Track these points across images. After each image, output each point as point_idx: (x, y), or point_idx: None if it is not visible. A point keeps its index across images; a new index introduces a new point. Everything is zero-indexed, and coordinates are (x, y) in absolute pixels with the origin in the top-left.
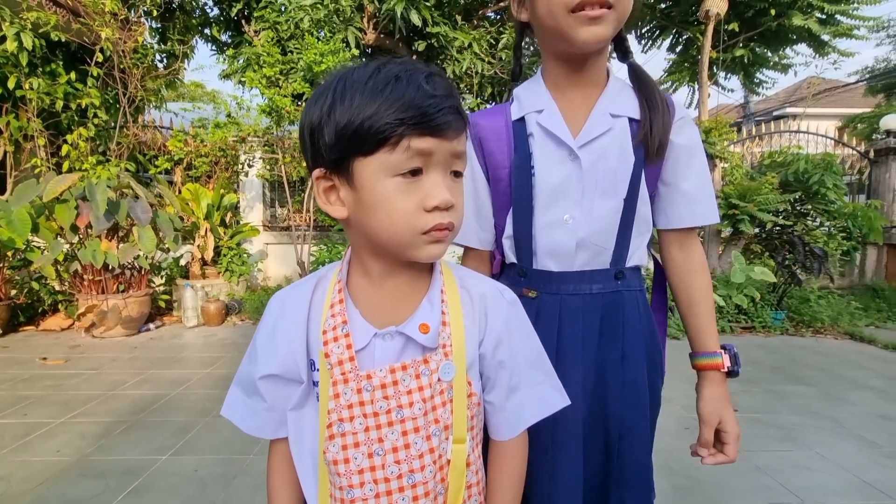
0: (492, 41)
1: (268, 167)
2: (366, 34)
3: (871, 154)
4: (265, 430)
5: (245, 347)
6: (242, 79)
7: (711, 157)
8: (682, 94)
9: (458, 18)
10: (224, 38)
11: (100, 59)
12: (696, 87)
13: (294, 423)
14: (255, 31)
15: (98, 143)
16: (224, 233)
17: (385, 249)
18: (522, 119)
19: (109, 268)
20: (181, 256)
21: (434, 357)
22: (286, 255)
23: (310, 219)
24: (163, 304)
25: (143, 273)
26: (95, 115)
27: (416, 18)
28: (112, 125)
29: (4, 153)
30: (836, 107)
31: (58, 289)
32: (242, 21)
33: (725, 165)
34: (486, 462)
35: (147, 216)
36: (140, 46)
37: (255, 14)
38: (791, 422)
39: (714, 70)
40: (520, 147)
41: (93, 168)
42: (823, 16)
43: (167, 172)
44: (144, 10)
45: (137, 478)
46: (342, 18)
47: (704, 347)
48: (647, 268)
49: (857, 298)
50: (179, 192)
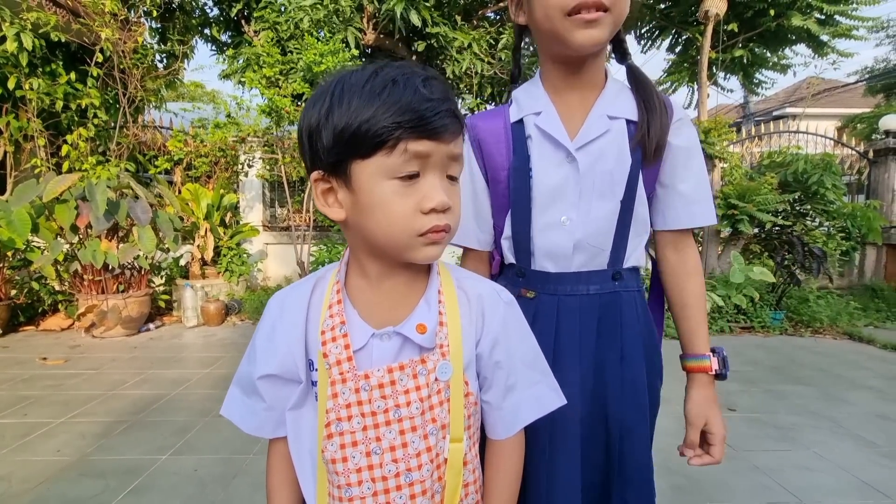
0: (491, 41)
1: (267, 167)
2: (365, 34)
3: (871, 154)
4: (264, 430)
5: (245, 347)
6: (242, 79)
7: (711, 158)
8: (682, 95)
9: (458, 19)
10: (224, 39)
11: (100, 60)
12: (696, 88)
13: (293, 423)
14: (255, 32)
15: (98, 144)
16: (224, 233)
17: (382, 251)
18: (521, 121)
19: (109, 268)
20: (181, 256)
21: (431, 357)
22: (286, 256)
23: (309, 219)
24: (163, 304)
25: (143, 273)
26: (95, 116)
27: (416, 19)
28: (112, 125)
29: (4, 153)
30: (836, 107)
31: (58, 289)
32: (242, 21)
33: (725, 166)
34: (483, 461)
35: (147, 216)
36: (140, 47)
37: (255, 14)
38: (790, 422)
39: (713, 70)
40: (518, 149)
41: (93, 168)
42: (822, 16)
43: (167, 172)
44: (144, 11)
45: (137, 477)
46: (342, 19)
47: (694, 350)
48: (647, 268)
49: (856, 298)
50: (179, 193)
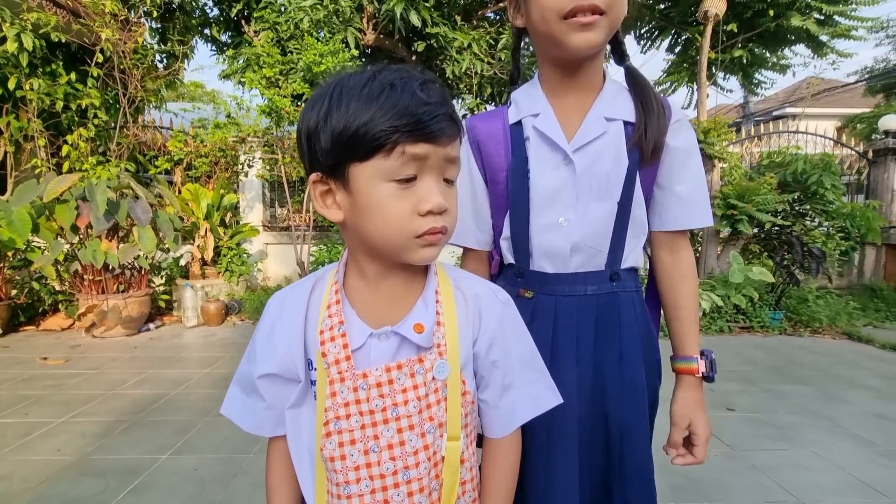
0: (491, 41)
1: (267, 167)
2: (365, 35)
3: (870, 154)
4: (264, 428)
5: (244, 347)
6: (242, 79)
7: (710, 158)
8: (681, 95)
9: (458, 19)
10: (224, 39)
11: (100, 60)
12: (695, 88)
13: (292, 421)
14: (255, 32)
15: (98, 144)
16: (224, 233)
17: (380, 252)
18: (519, 122)
19: (109, 268)
20: (181, 256)
21: (429, 356)
22: (286, 256)
23: (309, 219)
24: (163, 304)
25: (143, 273)
26: (95, 116)
27: (416, 19)
28: (112, 125)
29: (5, 153)
30: (836, 107)
31: (58, 289)
32: (242, 21)
33: (724, 166)
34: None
35: (147, 216)
36: (140, 47)
37: (255, 14)
38: (788, 421)
39: (713, 70)
40: (517, 150)
41: (93, 168)
42: (822, 17)
43: (167, 173)
44: (144, 11)
45: (138, 477)
46: (342, 19)
47: (683, 351)
48: (646, 269)
49: (856, 298)
50: (179, 193)
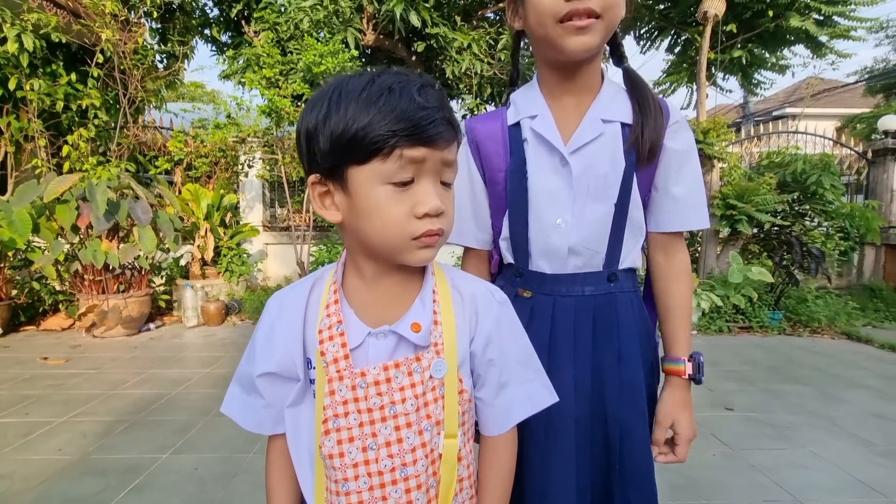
0: (491, 42)
1: (267, 168)
2: (365, 35)
3: (869, 154)
4: (263, 427)
5: (244, 347)
6: (242, 79)
7: (710, 158)
8: (681, 95)
9: (458, 19)
10: (224, 39)
11: (100, 60)
12: (695, 88)
13: (291, 420)
14: (255, 32)
15: (98, 144)
16: (224, 233)
17: (378, 253)
18: (518, 124)
19: (110, 268)
20: (181, 256)
21: (426, 355)
22: (286, 256)
23: (309, 219)
24: (163, 304)
25: (144, 273)
26: (96, 116)
27: (416, 19)
28: (112, 126)
29: (5, 154)
30: (835, 107)
31: (58, 289)
32: (242, 22)
33: (723, 166)
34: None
35: (147, 216)
36: (140, 47)
37: (255, 15)
38: (787, 421)
39: (712, 71)
40: (515, 151)
41: (93, 168)
42: (821, 17)
43: (167, 173)
44: (144, 11)
45: (138, 476)
46: (342, 19)
47: (673, 353)
48: (645, 269)
49: (855, 298)
50: (179, 193)
